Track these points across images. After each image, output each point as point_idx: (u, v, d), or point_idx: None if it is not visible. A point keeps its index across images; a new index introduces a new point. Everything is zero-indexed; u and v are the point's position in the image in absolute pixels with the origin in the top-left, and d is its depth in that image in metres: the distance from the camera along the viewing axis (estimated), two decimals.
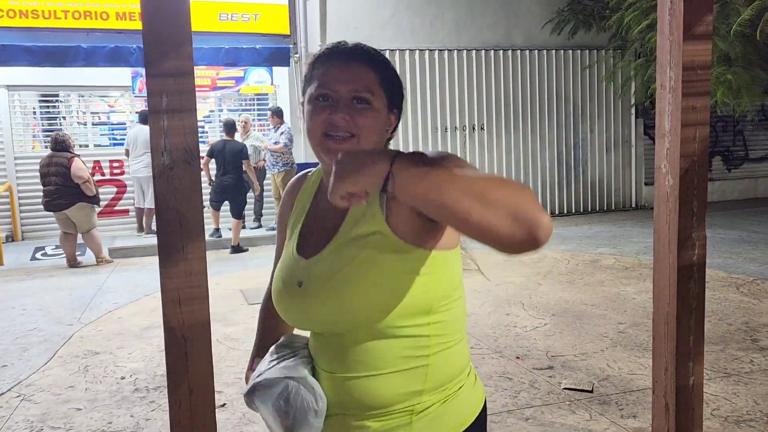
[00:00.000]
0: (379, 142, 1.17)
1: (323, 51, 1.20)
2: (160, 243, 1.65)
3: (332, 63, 1.16)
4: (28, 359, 4.28)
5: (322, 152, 1.15)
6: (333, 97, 1.13)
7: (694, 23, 2.13)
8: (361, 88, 1.13)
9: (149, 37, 1.67)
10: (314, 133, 1.14)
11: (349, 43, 1.20)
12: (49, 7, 8.28)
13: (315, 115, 1.14)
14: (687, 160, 2.17)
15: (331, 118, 1.11)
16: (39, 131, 9.56)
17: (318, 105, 1.14)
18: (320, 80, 1.15)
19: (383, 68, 1.18)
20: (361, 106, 1.13)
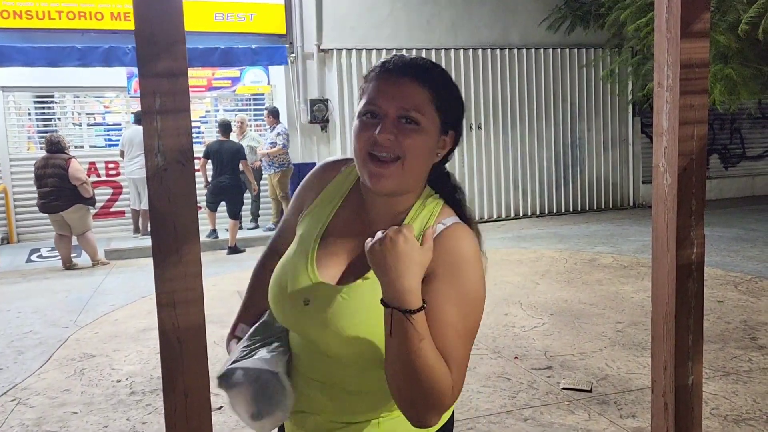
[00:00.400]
0: (426, 166, 1.13)
1: (378, 64, 1.14)
2: (154, 245, 1.63)
3: (383, 78, 1.11)
4: (23, 362, 4.25)
5: (364, 175, 1.10)
6: (380, 114, 1.08)
7: (691, 20, 2.11)
8: (409, 106, 1.08)
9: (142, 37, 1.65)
10: (359, 151, 1.10)
11: (406, 57, 1.14)
12: (43, 7, 8.24)
13: (360, 132, 1.09)
14: (685, 159, 2.15)
15: (376, 136, 1.06)
16: (34, 132, 9.51)
17: (364, 122, 1.10)
18: (369, 96, 1.10)
19: (439, 86, 1.11)
20: (408, 126, 1.08)
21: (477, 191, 10.04)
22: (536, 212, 10.39)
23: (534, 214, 10.38)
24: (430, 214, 1.14)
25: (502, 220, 10.13)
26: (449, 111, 1.13)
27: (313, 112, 9.33)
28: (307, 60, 9.35)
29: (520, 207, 10.33)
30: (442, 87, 1.12)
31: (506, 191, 10.22)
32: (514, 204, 10.29)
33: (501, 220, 10.13)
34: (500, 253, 7.28)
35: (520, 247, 7.67)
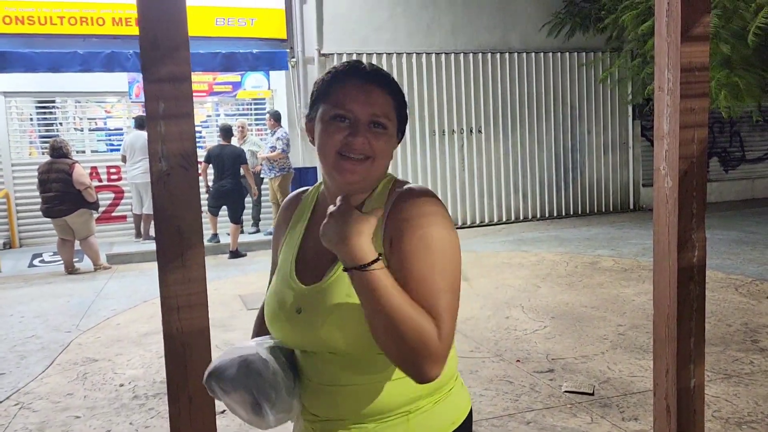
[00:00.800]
0: (387, 166, 1.21)
1: (341, 69, 1.19)
2: (158, 250, 1.64)
3: (352, 84, 1.16)
4: (26, 367, 4.26)
5: (334, 171, 1.16)
6: (351, 119, 1.14)
7: (691, 25, 2.12)
8: (380, 113, 1.15)
9: (146, 42, 1.67)
10: (328, 152, 1.15)
11: (368, 65, 1.20)
12: (45, 13, 8.27)
13: (331, 135, 1.15)
14: (686, 162, 2.16)
15: (350, 140, 1.13)
16: (36, 138, 9.54)
17: (334, 125, 1.15)
18: (338, 100, 1.15)
19: (398, 94, 1.20)
20: (378, 131, 1.15)
21: (478, 194, 10.05)
22: (537, 215, 10.40)
23: (535, 217, 10.38)
24: (383, 191, 1.20)
25: (503, 223, 10.14)
26: (402, 117, 1.23)
27: None
28: (307, 64, 9.38)
29: (521, 210, 10.34)
30: (400, 95, 1.21)
31: (507, 194, 10.23)
32: (515, 207, 10.30)
33: (502, 223, 10.14)
34: (501, 257, 7.28)
35: (521, 251, 7.68)
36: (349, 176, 1.14)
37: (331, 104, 1.15)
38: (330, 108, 1.15)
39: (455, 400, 1.23)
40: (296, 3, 9.21)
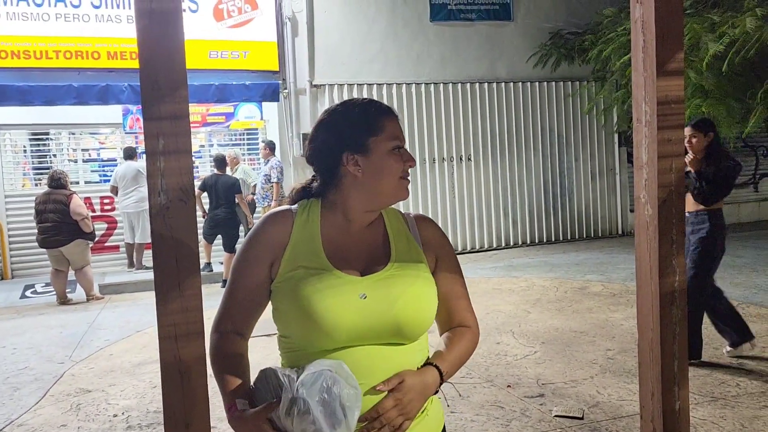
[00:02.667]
0: None
1: (379, 106, 1.42)
2: (156, 280, 1.70)
3: (394, 118, 1.41)
4: (19, 399, 4.26)
5: (399, 193, 1.41)
6: (402, 147, 1.40)
7: (666, 60, 2.23)
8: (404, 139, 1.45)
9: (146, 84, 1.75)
10: (393, 177, 1.39)
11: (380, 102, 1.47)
12: (40, 47, 8.40)
13: (396, 162, 1.38)
14: (665, 191, 2.25)
15: (408, 165, 1.40)
16: (29, 169, 9.59)
17: (395, 155, 1.39)
18: (393, 133, 1.39)
19: None
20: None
21: (468, 221, 10.15)
22: (526, 241, 10.50)
23: (524, 243, 10.48)
24: (395, 213, 1.50)
25: (493, 249, 10.23)
26: None
27: (305, 146, 9.44)
28: (299, 95, 9.53)
29: (510, 236, 10.44)
30: None
31: (496, 221, 10.34)
32: (505, 233, 10.41)
33: (492, 249, 10.23)
34: (491, 283, 7.35)
35: (511, 276, 7.75)
36: (406, 194, 1.42)
37: (389, 137, 1.38)
38: (388, 140, 1.38)
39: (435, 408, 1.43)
40: (288, 36, 9.39)
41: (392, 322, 1.31)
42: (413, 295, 1.34)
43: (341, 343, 1.30)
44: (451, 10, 10.06)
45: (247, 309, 1.40)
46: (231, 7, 9.22)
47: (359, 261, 1.38)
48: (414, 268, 1.39)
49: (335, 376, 1.16)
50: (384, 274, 1.36)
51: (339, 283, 1.32)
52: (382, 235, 1.44)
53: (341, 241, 1.40)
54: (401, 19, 9.87)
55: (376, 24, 9.77)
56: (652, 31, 2.19)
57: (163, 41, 1.74)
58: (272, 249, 1.38)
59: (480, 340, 1.48)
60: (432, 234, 1.48)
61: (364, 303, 1.30)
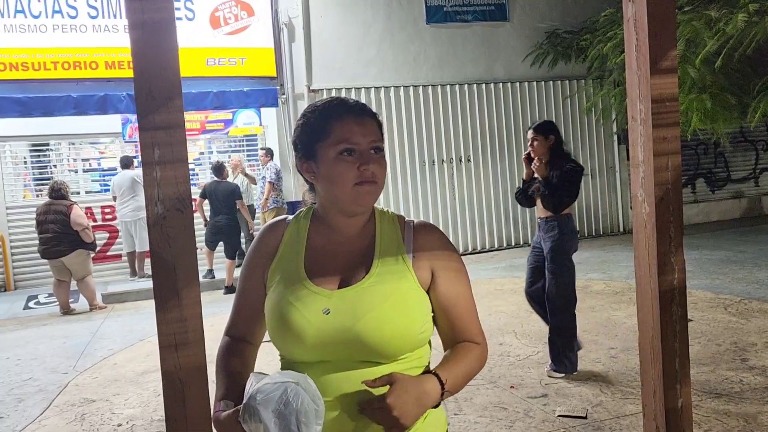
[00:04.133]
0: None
1: (329, 107, 1.33)
2: (155, 289, 1.71)
3: (348, 118, 1.30)
4: (24, 410, 4.27)
5: (354, 201, 1.30)
6: (356, 150, 1.28)
7: (659, 58, 2.23)
8: (376, 138, 1.31)
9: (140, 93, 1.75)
10: (344, 185, 1.29)
11: (351, 100, 1.35)
12: (39, 59, 8.43)
13: (345, 169, 1.28)
14: (661, 188, 2.25)
15: (363, 169, 1.28)
16: (30, 180, 9.61)
17: (344, 159, 1.28)
18: (341, 136, 1.28)
19: (378, 119, 1.37)
20: (378, 156, 1.31)
21: (469, 222, 10.15)
22: (528, 241, 10.48)
23: (526, 243, 10.47)
24: (391, 219, 1.40)
25: (495, 250, 10.22)
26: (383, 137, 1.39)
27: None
28: (297, 100, 9.55)
29: (512, 236, 10.43)
30: (379, 120, 1.38)
31: (497, 221, 10.34)
32: (506, 234, 10.40)
33: (493, 250, 10.23)
34: (494, 283, 7.35)
35: (513, 276, 7.75)
36: (367, 201, 1.31)
37: (335, 141, 1.28)
38: (334, 144, 1.28)
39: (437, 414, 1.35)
40: (285, 42, 9.42)
41: (355, 340, 1.23)
42: (384, 312, 1.25)
43: (311, 358, 1.28)
44: (447, 11, 10.07)
45: (250, 316, 1.42)
46: (227, 14, 9.25)
47: (339, 271, 1.32)
48: (395, 280, 1.29)
49: (298, 390, 1.15)
50: (357, 288, 1.28)
51: (306, 296, 1.29)
52: (369, 243, 1.35)
53: (325, 251, 1.35)
54: (397, 22, 9.89)
55: (372, 27, 9.79)
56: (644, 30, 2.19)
57: (157, 51, 1.74)
58: (264, 260, 1.39)
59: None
60: (429, 243, 1.36)
61: (326, 318, 1.25)
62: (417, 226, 1.38)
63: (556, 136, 4.15)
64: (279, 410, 1.13)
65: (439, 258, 1.35)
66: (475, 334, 1.37)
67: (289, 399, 1.13)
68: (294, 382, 1.16)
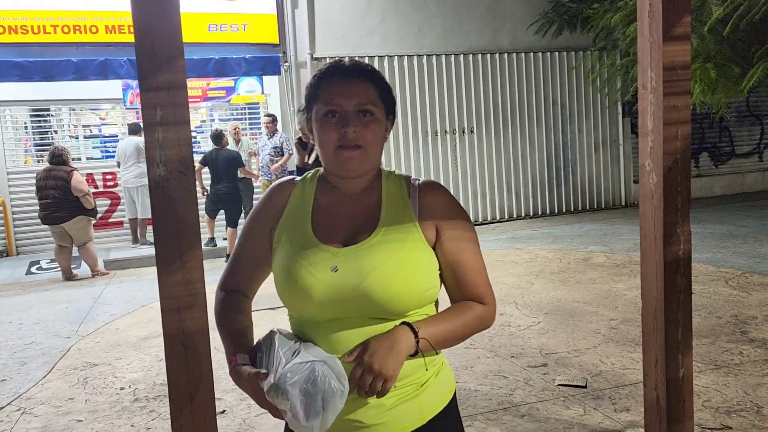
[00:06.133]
0: (381, 147, 1.36)
1: (324, 70, 1.35)
2: (157, 252, 1.69)
3: (334, 80, 1.31)
4: (26, 373, 4.30)
5: (335, 162, 1.31)
6: (339, 112, 1.29)
7: (673, 24, 2.19)
8: (365, 101, 1.30)
9: (142, 52, 1.72)
10: (328, 148, 1.30)
11: (347, 61, 1.35)
12: (38, 22, 8.31)
13: (327, 131, 1.29)
14: (670, 158, 2.23)
15: (343, 132, 1.27)
16: (31, 146, 9.56)
17: (327, 121, 1.29)
18: (326, 97, 1.30)
19: (380, 82, 1.35)
20: (366, 118, 1.29)
21: (471, 194, 10.12)
22: (530, 214, 10.47)
23: (527, 215, 10.47)
24: (397, 179, 1.39)
25: (496, 222, 10.21)
26: (388, 100, 1.37)
27: None
28: (300, 68, 9.43)
29: (513, 209, 10.41)
30: (381, 81, 1.36)
31: (500, 193, 10.31)
32: (508, 206, 10.38)
33: (495, 222, 10.22)
34: (495, 255, 7.35)
35: (514, 248, 7.75)
36: (348, 165, 1.29)
37: (322, 103, 1.30)
38: (321, 106, 1.30)
39: (447, 370, 1.40)
40: (288, 8, 9.26)
41: (363, 296, 1.25)
42: (390, 269, 1.26)
43: (320, 315, 1.29)
44: None
45: (251, 270, 1.43)
46: None
47: (344, 230, 1.33)
48: (401, 238, 1.30)
49: (325, 370, 1.17)
50: (364, 245, 1.29)
51: (314, 254, 1.29)
52: (375, 202, 1.36)
53: (331, 210, 1.36)
54: None
55: None
56: None
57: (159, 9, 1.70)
58: (271, 217, 1.40)
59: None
60: (434, 201, 1.35)
61: (335, 276, 1.26)
62: (422, 184, 1.38)
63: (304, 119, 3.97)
64: (306, 389, 1.15)
65: (444, 216, 1.35)
66: (483, 294, 1.36)
67: (317, 379, 1.15)
68: (322, 361, 1.18)
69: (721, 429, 2.97)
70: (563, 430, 3.05)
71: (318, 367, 1.16)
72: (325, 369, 1.17)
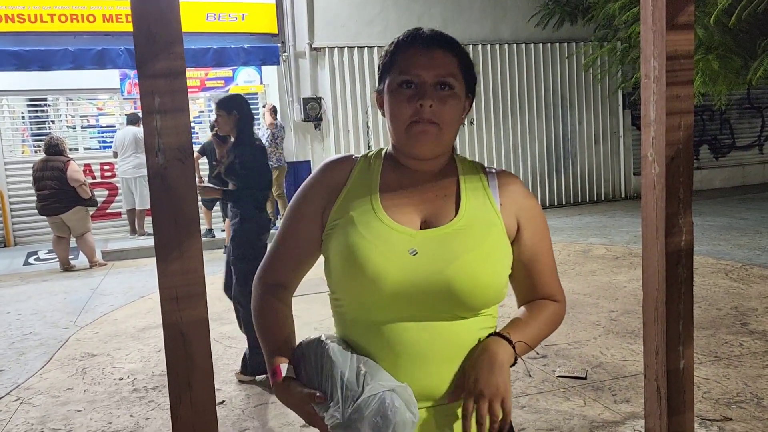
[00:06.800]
0: (457, 127, 1.22)
1: (403, 37, 1.21)
2: (156, 241, 1.67)
3: (414, 49, 1.18)
4: (25, 363, 4.29)
5: (407, 140, 1.18)
6: (417, 83, 1.16)
7: (676, 13, 2.16)
8: (445, 73, 1.16)
9: (140, 38, 1.69)
10: (400, 122, 1.17)
11: (428, 30, 1.21)
12: (35, 11, 8.24)
13: (399, 103, 1.16)
14: (673, 148, 2.21)
15: (419, 105, 1.14)
16: (28, 136, 9.52)
17: (402, 92, 1.16)
18: (403, 66, 1.17)
19: (462, 54, 1.22)
20: (445, 93, 1.16)
21: None
22: None
23: None
24: (471, 164, 1.30)
25: None
26: (470, 76, 1.23)
27: (306, 110, 9.37)
28: (299, 59, 9.39)
29: None
30: (464, 54, 1.22)
31: None
32: None
33: None
34: None
35: None
36: (420, 141, 1.16)
37: (398, 72, 1.17)
38: (396, 76, 1.17)
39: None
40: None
41: (444, 286, 1.12)
42: (476, 258, 1.13)
43: (384, 310, 1.14)
44: None
45: (295, 261, 1.27)
46: None
47: (420, 212, 1.20)
48: (485, 227, 1.18)
49: (394, 400, 1.06)
50: (445, 230, 1.17)
51: (389, 234, 1.15)
52: (454, 187, 1.23)
53: (402, 189, 1.21)
54: None
55: None
56: None
57: None
58: (326, 195, 1.23)
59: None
60: (515, 193, 1.25)
61: (414, 260, 1.13)
62: (499, 173, 1.28)
63: (239, 113, 3.69)
64: (375, 423, 1.05)
65: (524, 208, 1.25)
66: (555, 291, 1.29)
67: (387, 412, 1.05)
68: (390, 390, 1.07)
69: (721, 420, 2.96)
70: (563, 421, 3.05)
71: (387, 399, 1.05)
72: (395, 398, 1.06)
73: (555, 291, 1.29)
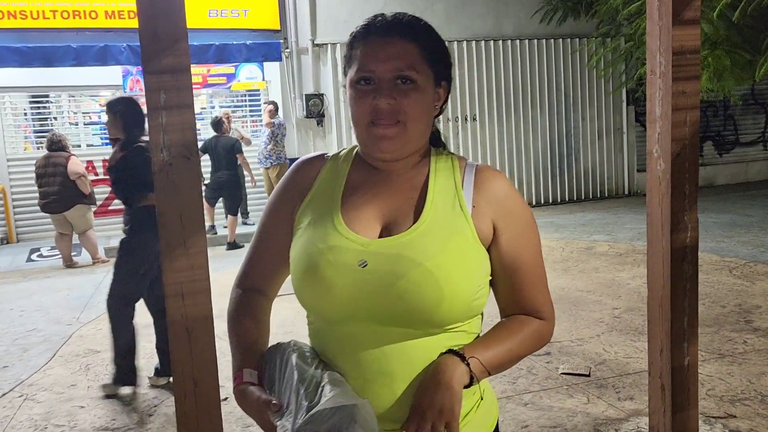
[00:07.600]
0: (428, 122, 1.13)
1: (360, 28, 1.12)
2: (161, 238, 1.67)
3: (370, 41, 1.09)
4: (28, 359, 4.30)
5: (367, 142, 1.10)
6: (374, 79, 1.07)
7: (682, 8, 2.15)
8: (403, 66, 1.06)
9: (145, 35, 1.69)
10: (359, 123, 1.09)
11: (387, 16, 1.13)
12: (37, 7, 8.24)
13: (359, 102, 1.08)
14: (678, 144, 2.20)
15: (376, 103, 1.05)
16: (30, 132, 9.52)
17: (360, 90, 1.08)
18: (360, 62, 1.08)
19: (426, 39, 1.11)
20: (406, 87, 1.06)
21: None
22: (532, 202, 10.44)
23: (530, 203, 10.43)
24: (449, 160, 1.17)
25: None
26: (439, 62, 1.13)
27: (308, 106, 9.36)
28: (301, 55, 9.37)
29: None
30: (428, 39, 1.11)
31: None
32: None
33: None
34: None
35: None
36: (382, 144, 1.07)
37: (355, 67, 1.09)
38: (354, 72, 1.09)
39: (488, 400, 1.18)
40: None
41: (397, 300, 1.02)
42: (434, 268, 1.02)
43: (343, 321, 1.07)
44: None
45: (270, 265, 1.20)
46: None
47: (380, 218, 1.10)
48: (448, 234, 1.06)
49: (354, 417, 0.95)
50: (401, 239, 1.06)
51: (341, 244, 1.06)
52: (420, 187, 1.12)
53: (366, 192, 1.13)
54: None
55: None
56: None
57: None
58: (296, 196, 1.17)
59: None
60: (493, 193, 1.11)
61: (364, 272, 1.04)
62: (480, 169, 1.14)
63: (124, 115, 3.62)
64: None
65: (503, 210, 1.10)
66: (540, 305, 1.14)
67: (342, 428, 0.95)
68: (352, 405, 0.97)
69: (725, 418, 2.96)
70: (567, 418, 3.05)
71: (346, 413, 0.96)
72: (356, 413, 0.96)
73: (541, 306, 1.15)
